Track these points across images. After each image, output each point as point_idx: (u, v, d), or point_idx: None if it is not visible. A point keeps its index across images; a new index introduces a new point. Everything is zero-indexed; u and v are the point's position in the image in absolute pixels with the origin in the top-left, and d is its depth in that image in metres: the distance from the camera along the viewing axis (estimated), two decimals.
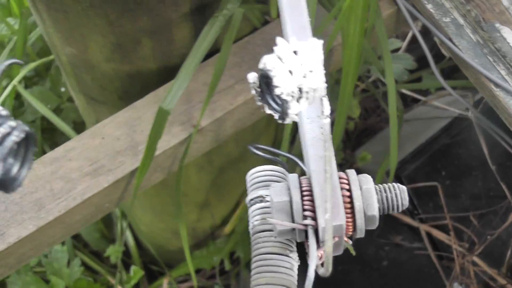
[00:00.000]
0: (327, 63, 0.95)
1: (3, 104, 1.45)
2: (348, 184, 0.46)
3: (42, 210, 0.82)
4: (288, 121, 0.41)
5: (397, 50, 1.59)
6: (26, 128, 0.33)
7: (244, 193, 1.36)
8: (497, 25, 0.92)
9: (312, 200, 0.45)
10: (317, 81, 0.41)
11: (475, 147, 1.61)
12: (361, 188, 0.46)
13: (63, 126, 1.39)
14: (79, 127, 1.49)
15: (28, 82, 1.59)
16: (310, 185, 0.46)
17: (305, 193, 0.46)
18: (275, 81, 0.40)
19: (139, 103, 0.89)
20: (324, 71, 0.43)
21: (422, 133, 1.66)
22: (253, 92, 0.43)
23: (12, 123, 0.32)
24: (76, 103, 1.18)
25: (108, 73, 0.94)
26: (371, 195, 0.46)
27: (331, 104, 1.39)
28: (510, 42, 0.91)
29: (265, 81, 0.42)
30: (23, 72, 1.43)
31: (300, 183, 0.47)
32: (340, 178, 0.46)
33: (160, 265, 1.56)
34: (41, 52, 1.55)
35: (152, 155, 0.83)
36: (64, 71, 1.05)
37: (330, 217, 0.40)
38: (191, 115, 0.88)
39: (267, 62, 0.41)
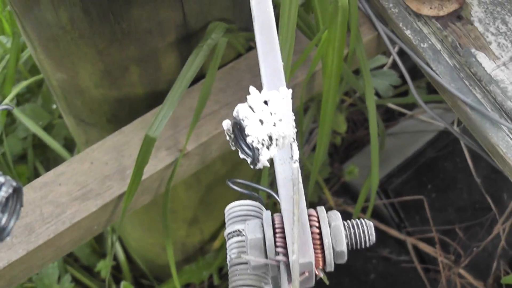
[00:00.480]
0: (310, 87, 0.98)
1: None
2: (318, 221, 0.50)
3: (32, 234, 0.85)
4: (259, 166, 0.45)
5: (383, 65, 1.63)
6: (14, 183, 0.36)
7: None
8: (473, 50, 0.95)
9: (284, 237, 0.49)
10: (286, 129, 0.45)
11: (461, 160, 1.64)
12: (330, 225, 0.49)
13: (53, 143, 1.42)
14: (71, 143, 1.52)
15: (20, 98, 1.62)
16: (282, 222, 0.49)
17: (277, 230, 0.49)
18: (247, 130, 0.44)
19: (127, 128, 0.92)
20: (294, 117, 0.46)
21: (409, 146, 1.70)
22: (228, 138, 0.46)
23: (1, 179, 0.36)
24: (66, 123, 1.21)
25: (97, 98, 0.97)
26: (340, 232, 0.49)
27: (317, 121, 1.42)
28: (485, 67, 0.94)
29: (238, 129, 0.45)
30: (15, 90, 1.46)
31: (273, 221, 0.50)
32: (310, 215, 0.50)
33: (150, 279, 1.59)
34: (33, 69, 1.58)
35: (139, 180, 0.86)
36: (54, 94, 1.08)
37: (297, 258, 0.44)
38: (177, 140, 0.91)
39: (240, 111, 0.45)
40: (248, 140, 0.44)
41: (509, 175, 0.94)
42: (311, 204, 1.54)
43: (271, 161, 0.46)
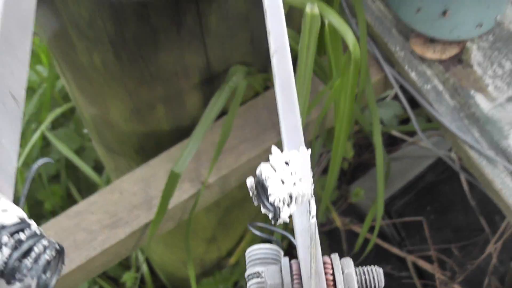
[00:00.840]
0: (323, 123, 0.98)
1: (33, 146, 1.49)
2: (332, 268, 0.49)
3: (66, 259, 0.85)
4: (280, 222, 0.44)
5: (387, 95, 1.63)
6: (57, 246, 0.36)
7: (247, 230, 1.39)
8: (472, 91, 0.95)
9: (301, 283, 0.48)
10: (305, 188, 0.44)
11: (457, 185, 1.64)
12: (343, 272, 0.49)
13: (84, 166, 1.43)
14: (100, 165, 1.52)
15: (54, 123, 1.62)
16: (299, 269, 0.49)
17: (295, 276, 0.49)
18: (269, 190, 0.43)
19: (153, 162, 0.92)
20: (312, 176, 0.46)
21: (410, 171, 1.69)
22: (251, 194, 0.46)
23: (45, 242, 0.36)
24: (96, 150, 1.21)
25: (126, 131, 0.97)
26: (352, 279, 0.49)
27: (327, 146, 1.41)
28: (483, 108, 0.94)
29: (261, 186, 0.45)
30: (50, 117, 1.47)
31: (291, 267, 0.50)
32: (324, 263, 0.49)
33: None
34: (67, 96, 1.59)
35: (164, 211, 0.86)
36: (86, 125, 1.08)
37: None
38: (199, 173, 0.91)
39: (262, 170, 0.44)
40: (270, 199, 0.43)
41: (503, 209, 0.93)
42: (320, 225, 1.52)
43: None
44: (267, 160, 0.96)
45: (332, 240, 1.59)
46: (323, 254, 0.51)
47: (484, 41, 0.98)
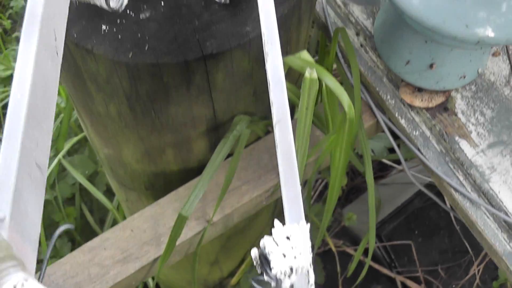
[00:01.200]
0: (319, 167, 0.99)
1: (52, 171, 1.50)
2: None
3: None
4: None
5: None
6: None
7: (248, 253, 1.39)
8: (457, 138, 0.96)
9: None
10: (305, 261, 0.45)
11: (443, 210, 1.65)
12: None
13: (96, 192, 1.44)
14: (112, 188, 1.53)
15: (70, 149, 1.63)
16: None
17: None
18: (272, 264, 0.44)
19: (162, 201, 0.93)
20: (310, 244, 0.47)
21: (399, 196, 1.70)
22: (255, 263, 0.47)
23: None
24: (110, 183, 1.22)
25: (137, 171, 0.98)
26: None
27: (322, 174, 1.41)
28: (467, 153, 0.95)
29: (264, 258, 0.46)
30: (67, 146, 1.48)
31: None
32: None
33: None
34: None
35: (172, 248, 0.87)
36: (101, 161, 1.09)
37: None
38: (205, 211, 0.92)
39: (266, 244, 0.46)
40: (273, 271, 0.45)
41: (485, 247, 0.94)
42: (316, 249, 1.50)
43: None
44: (267, 198, 0.97)
45: (326, 262, 1.60)
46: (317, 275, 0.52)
47: (468, 91, 1.00)
